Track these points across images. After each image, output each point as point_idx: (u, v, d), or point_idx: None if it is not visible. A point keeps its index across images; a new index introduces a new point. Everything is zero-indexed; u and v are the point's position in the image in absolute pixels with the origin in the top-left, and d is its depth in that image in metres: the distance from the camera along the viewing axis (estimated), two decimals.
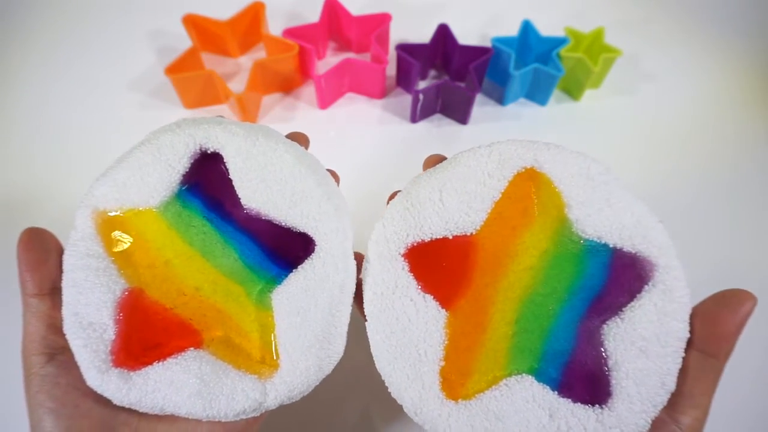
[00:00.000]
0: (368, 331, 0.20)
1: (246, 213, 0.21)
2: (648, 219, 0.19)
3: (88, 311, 0.19)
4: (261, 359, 0.20)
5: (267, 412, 0.20)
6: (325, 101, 0.42)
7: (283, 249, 0.21)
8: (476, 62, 0.40)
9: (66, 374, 0.19)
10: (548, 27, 0.44)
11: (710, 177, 0.40)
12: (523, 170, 0.20)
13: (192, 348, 0.20)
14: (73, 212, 0.20)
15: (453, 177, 0.21)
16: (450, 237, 0.20)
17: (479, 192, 0.20)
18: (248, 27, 0.44)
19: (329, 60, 0.46)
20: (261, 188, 0.20)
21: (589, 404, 0.18)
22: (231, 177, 0.20)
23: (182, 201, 0.21)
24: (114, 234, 0.20)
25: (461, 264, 0.20)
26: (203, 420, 0.19)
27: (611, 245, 0.19)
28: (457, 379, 0.19)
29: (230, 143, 0.20)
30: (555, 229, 0.20)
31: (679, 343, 0.18)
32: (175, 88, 0.40)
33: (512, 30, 0.44)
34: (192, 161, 0.21)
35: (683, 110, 0.45)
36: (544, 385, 0.19)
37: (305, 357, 0.19)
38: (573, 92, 0.44)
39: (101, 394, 0.19)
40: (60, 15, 0.48)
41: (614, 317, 0.19)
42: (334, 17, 0.44)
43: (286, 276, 0.20)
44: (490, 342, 0.20)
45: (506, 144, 0.21)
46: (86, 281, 0.19)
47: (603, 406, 0.18)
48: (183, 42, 0.44)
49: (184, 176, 0.21)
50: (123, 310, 0.19)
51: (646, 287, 0.19)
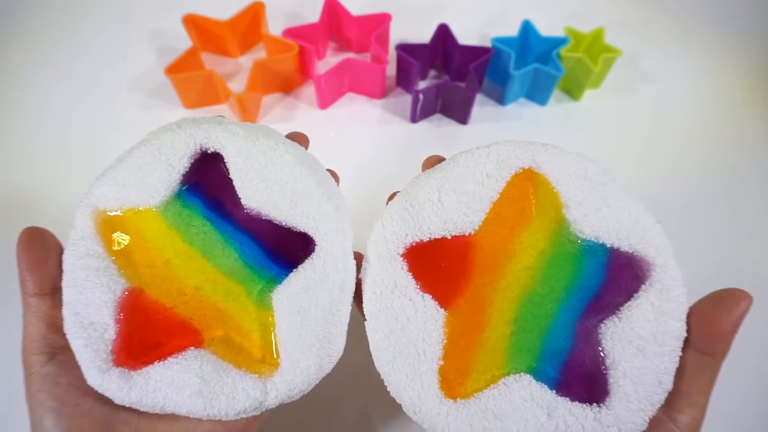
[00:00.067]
0: (367, 331, 0.20)
1: (246, 213, 0.21)
2: (645, 219, 0.19)
3: (89, 311, 0.19)
4: (261, 358, 0.20)
5: (267, 411, 0.20)
6: (325, 101, 0.42)
7: (284, 249, 0.21)
8: (476, 62, 0.40)
9: (66, 373, 0.19)
10: (548, 27, 0.44)
11: (710, 177, 0.40)
12: (521, 171, 0.20)
13: (192, 347, 0.20)
14: (73, 212, 0.20)
15: (451, 177, 0.21)
16: (449, 237, 0.20)
17: (477, 192, 0.20)
18: (248, 27, 0.44)
19: (329, 60, 0.46)
20: (261, 188, 0.20)
21: (587, 403, 0.18)
22: (231, 177, 0.20)
23: (182, 201, 0.21)
24: (114, 234, 0.20)
25: (460, 264, 0.20)
26: (204, 419, 0.19)
27: (609, 245, 0.20)
28: (456, 378, 0.19)
29: (231, 143, 0.20)
30: (553, 230, 0.20)
31: (676, 342, 0.18)
32: (175, 88, 0.40)
33: (512, 30, 0.44)
34: (192, 161, 0.21)
35: (683, 110, 0.45)
36: (542, 384, 0.19)
37: (306, 356, 0.19)
38: (573, 92, 0.44)
39: (102, 394, 0.19)
40: (60, 15, 0.48)
41: (612, 316, 0.19)
42: (334, 17, 0.44)
43: (287, 275, 0.20)
44: (489, 341, 0.20)
45: (504, 145, 0.21)
46: (86, 281, 0.19)
47: (601, 405, 0.18)
48: (183, 42, 0.44)
49: (185, 176, 0.21)
50: (123, 310, 0.19)
51: (644, 287, 0.19)
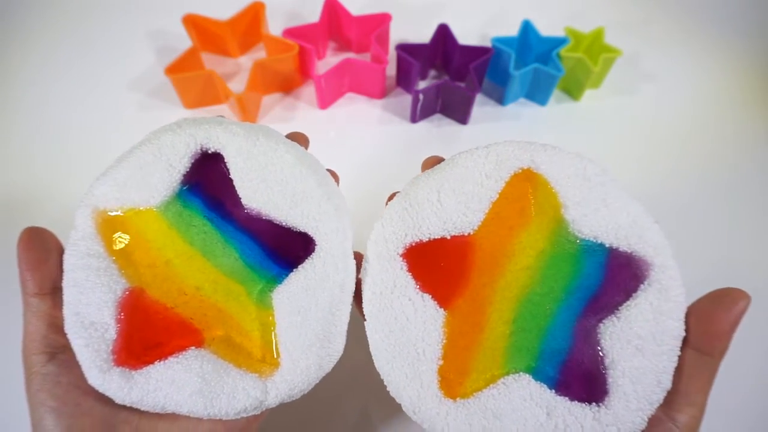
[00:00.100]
0: (367, 331, 0.20)
1: (246, 213, 0.21)
2: (644, 219, 0.19)
3: (90, 311, 0.19)
4: (262, 358, 0.20)
5: (267, 411, 0.20)
6: (325, 101, 0.42)
7: (284, 249, 0.21)
8: (476, 62, 0.40)
9: (67, 373, 0.19)
10: (548, 27, 0.44)
11: (710, 177, 0.40)
12: (520, 171, 0.20)
13: (193, 347, 0.20)
14: (74, 212, 0.20)
15: (451, 178, 0.21)
16: (448, 237, 0.20)
17: (477, 192, 0.20)
18: (248, 27, 0.44)
19: (329, 60, 0.46)
20: (262, 188, 0.20)
21: (586, 402, 0.19)
22: (232, 177, 0.21)
23: (183, 201, 0.21)
24: (114, 234, 0.20)
25: (459, 264, 0.20)
26: (204, 418, 0.19)
27: (607, 245, 0.20)
28: (455, 378, 0.19)
29: (231, 143, 0.20)
30: (552, 230, 0.20)
31: (675, 342, 0.18)
32: (175, 88, 0.40)
33: (512, 30, 0.44)
34: (193, 161, 0.21)
35: (683, 110, 0.45)
36: (542, 384, 0.19)
37: (306, 356, 0.20)
38: (573, 92, 0.44)
39: (103, 393, 0.19)
40: (60, 15, 0.48)
41: (611, 316, 0.19)
42: (334, 17, 0.44)
43: (287, 275, 0.20)
44: (488, 341, 0.20)
45: (503, 145, 0.21)
46: (87, 281, 0.19)
47: (600, 405, 0.18)
48: (183, 42, 0.44)
49: (185, 176, 0.21)
50: (124, 310, 0.19)
51: (642, 286, 0.19)
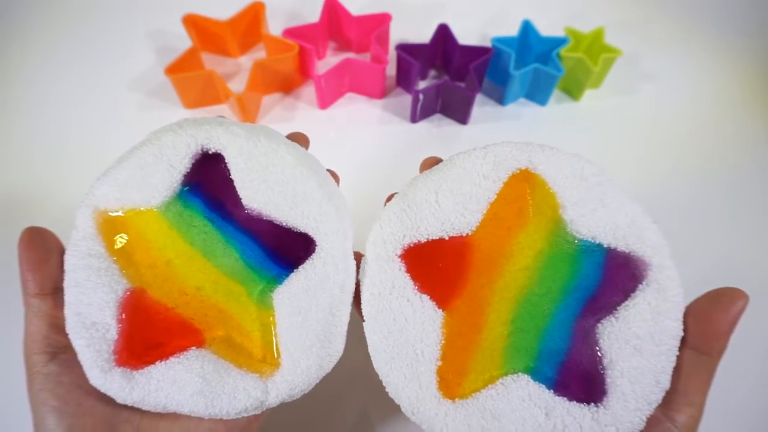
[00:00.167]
0: (366, 332, 0.20)
1: (247, 213, 0.21)
2: (642, 219, 0.19)
3: (91, 311, 0.19)
4: (262, 358, 0.20)
5: (268, 410, 0.20)
6: (325, 101, 0.42)
7: (284, 249, 0.21)
8: (476, 62, 0.40)
9: (68, 373, 0.19)
10: (548, 27, 0.44)
11: (710, 177, 0.40)
12: (518, 171, 0.20)
13: (194, 347, 0.20)
14: (74, 212, 0.20)
15: (449, 178, 0.21)
16: (446, 238, 0.20)
17: (474, 193, 0.21)
18: (248, 27, 0.44)
19: (329, 60, 0.46)
20: (262, 189, 0.20)
21: (585, 403, 0.19)
22: (232, 177, 0.21)
23: (183, 201, 0.21)
24: (115, 234, 0.20)
25: (457, 264, 0.20)
26: (205, 418, 0.19)
27: (605, 245, 0.20)
28: (454, 379, 0.20)
29: (232, 144, 0.20)
30: (550, 230, 0.20)
31: (673, 342, 0.19)
32: (175, 88, 0.40)
33: (512, 30, 0.44)
34: (193, 162, 0.21)
35: (683, 110, 0.45)
36: (540, 384, 0.19)
37: (306, 356, 0.20)
38: (573, 92, 0.44)
39: (104, 393, 0.19)
40: (60, 15, 0.49)
41: (609, 316, 0.19)
42: (334, 17, 0.44)
43: (287, 276, 0.20)
44: (487, 341, 0.20)
45: (501, 146, 0.21)
46: (88, 281, 0.19)
47: (598, 405, 0.18)
48: (183, 42, 0.44)
49: (186, 176, 0.21)
50: (125, 310, 0.20)
51: (640, 286, 0.19)
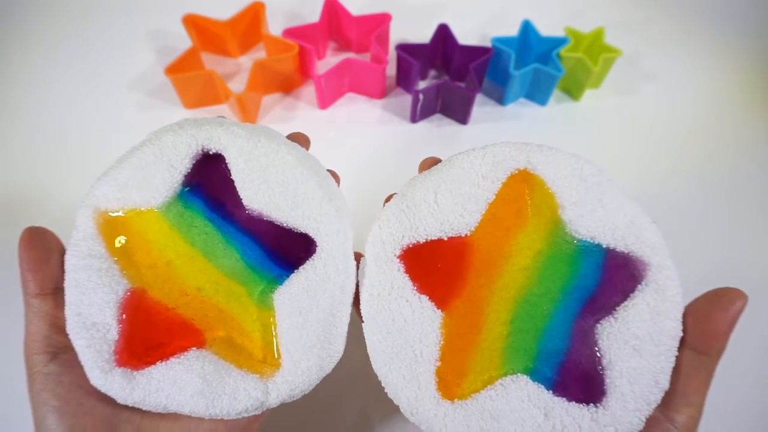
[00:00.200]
0: (365, 332, 0.20)
1: (248, 214, 0.21)
2: (641, 219, 0.19)
3: (91, 311, 0.19)
4: (263, 359, 0.20)
5: (268, 411, 0.21)
6: (325, 101, 0.42)
7: (285, 250, 0.21)
8: (476, 62, 0.40)
9: (69, 373, 0.19)
10: (548, 27, 0.44)
11: (709, 177, 0.40)
12: (517, 172, 0.20)
13: (194, 348, 0.20)
14: (74, 212, 0.20)
15: (447, 179, 0.21)
16: (445, 238, 0.20)
17: (473, 193, 0.21)
18: (248, 27, 0.44)
19: (329, 60, 0.46)
20: (263, 189, 0.20)
21: (584, 403, 0.19)
22: (233, 178, 0.21)
23: (184, 201, 0.21)
24: (116, 234, 0.20)
25: (456, 265, 0.20)
26: (205, 418, 0.19)
27: (604, 245, 0.20)
28: (453, 379, 0.20)
29: (232, 144, 0.21)
30: (549, 230, 0.20)
31: (672, 342, 0.19)
32: (175, 88, 0.40)
33: (512, 30, 0.44)
34: (194, 162, 0.21)
35: (683, 110, 0.45)
36: (539, 385, 0.19)
37: (307, 356, 0.20)
38: (573, 92, 0.44)
39: (105, 393, 0.19)
40: (60, 15, 0.49)
41: (608, 317, 0.19)
42: (334, 17, 0.44)
43: (288, 276, 0.20)
44: (486, 342, 0.20)
45: (500, 146, 0.21)
46: (89, 281, 0.19)
47: (597, 405, 0.18)
48: (183, 42, 0.44)
49: (186, 177, 0.21)
50: (126, 311, 0.20)
51: (639, 287, 0.19)
